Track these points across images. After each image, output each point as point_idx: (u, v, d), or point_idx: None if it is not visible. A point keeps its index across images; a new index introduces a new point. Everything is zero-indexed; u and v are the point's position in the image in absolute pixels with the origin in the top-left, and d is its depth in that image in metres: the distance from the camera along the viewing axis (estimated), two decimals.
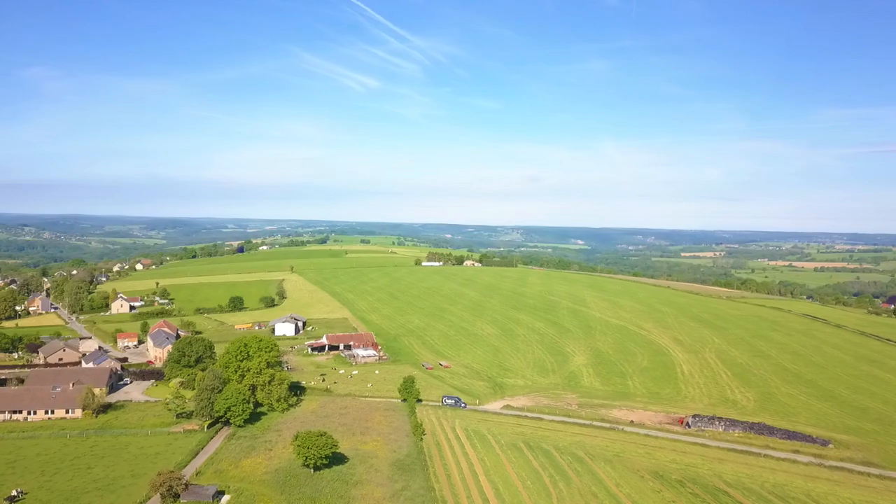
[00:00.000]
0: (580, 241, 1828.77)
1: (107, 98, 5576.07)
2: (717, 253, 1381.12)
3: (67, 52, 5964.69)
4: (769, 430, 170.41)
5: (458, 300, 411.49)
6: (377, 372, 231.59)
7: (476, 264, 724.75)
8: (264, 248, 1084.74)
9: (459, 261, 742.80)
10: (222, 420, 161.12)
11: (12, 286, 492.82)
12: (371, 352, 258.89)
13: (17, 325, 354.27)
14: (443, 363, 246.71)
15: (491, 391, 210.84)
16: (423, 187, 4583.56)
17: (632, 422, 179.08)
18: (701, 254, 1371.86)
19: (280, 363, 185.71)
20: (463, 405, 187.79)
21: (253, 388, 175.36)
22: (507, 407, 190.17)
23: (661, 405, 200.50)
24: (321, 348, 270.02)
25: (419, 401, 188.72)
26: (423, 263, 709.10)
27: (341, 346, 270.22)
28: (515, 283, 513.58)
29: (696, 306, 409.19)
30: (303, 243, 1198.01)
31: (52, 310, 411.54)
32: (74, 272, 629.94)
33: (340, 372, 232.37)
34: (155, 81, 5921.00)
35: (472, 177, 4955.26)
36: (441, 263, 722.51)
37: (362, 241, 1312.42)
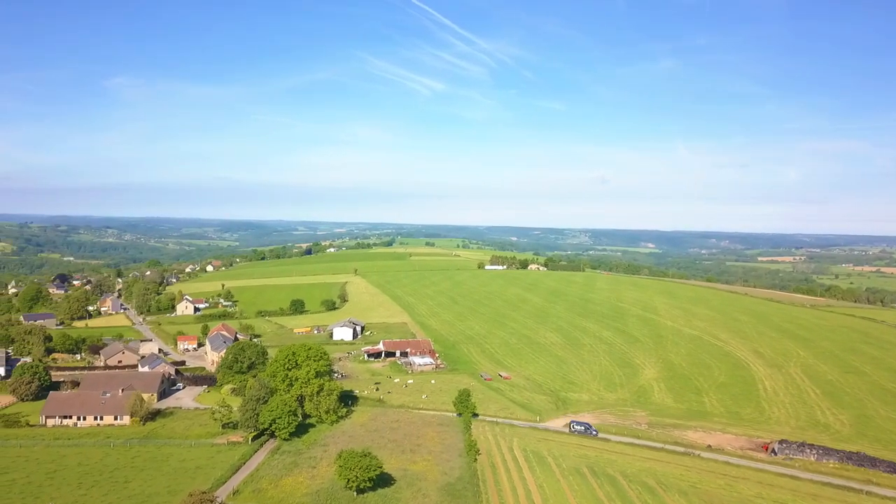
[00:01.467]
0: (650, 245, 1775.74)
1: (184, 105, 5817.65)
2: (797, 257, 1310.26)
3: (148, 62, 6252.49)
4: (870, 462, 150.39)
5: (521, 306, 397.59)
6: (433, 381, 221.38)
7: (541, 268, 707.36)
8: (331, 250, 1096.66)
9: (524, 264, 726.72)
10: (268, 432, 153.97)
11: (87, 286, 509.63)
12: (428, 360, 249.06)
13: (86, 325, 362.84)
14: (502, 374, 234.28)
15: (553, 407, 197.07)
16: (489, 190, 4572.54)
17: (709, 446, 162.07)
18: (779, 258, 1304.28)
19: (330, 372, 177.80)
20: (594, 432, 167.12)
21: (301, 398, 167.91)
22: (570, 424, 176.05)
23: (742, 427, 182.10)
24: (377, 355, 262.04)
25: (475, 415, 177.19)
26: (487, 267, 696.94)
27: (398, 353, 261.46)
28: (582, 289, 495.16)
29: (777, 315, 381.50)
30: (369, 246, 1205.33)
31: (122, 310, 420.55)
32: (148, 273, 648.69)
33: (395, 381, 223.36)
34: (229, 88, 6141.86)
35: (538, 179, 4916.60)
36: (505, 267, 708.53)
37: (427, 244, 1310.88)
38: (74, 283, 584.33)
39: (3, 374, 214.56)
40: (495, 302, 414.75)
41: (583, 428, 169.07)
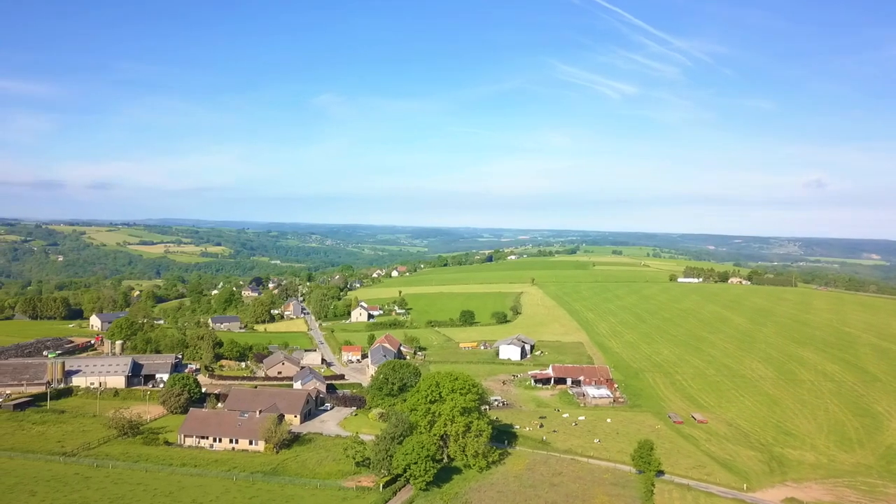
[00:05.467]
0: (874, 256, 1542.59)
1: (382, 119, 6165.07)
2: None
3: (350, 80, 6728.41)
4: None
5: (721, 327, 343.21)
6: (609, 420, 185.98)
7: (744, 282, 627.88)
8: (512, 257, 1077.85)
9: (723, 277, 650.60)
10: (403, 477, 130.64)
11: (275, 291, 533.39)
12: (604, 391, 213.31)
13: (265, 329, 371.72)
14: (696, 416, 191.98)
15: (765, 468, 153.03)
16: (683, 195, 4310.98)
17: None
18: None
19: (479, 408, 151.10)
20: None
21: (444, 437, 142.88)
22: (792, 501, 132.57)
23: None
24: (546, 381, 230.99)
25: (660, 473, 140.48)
26: (679, 280, 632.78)
27: (569, 381, 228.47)
28: (795, 308, 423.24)
29: None
30: (551, 253, 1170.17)
31: (303, 315, 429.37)
32: (336, 276, 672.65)
33: (564, 416, 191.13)
34: (420, 102, 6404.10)
35: (738, 183, 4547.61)
36: (700, 280, 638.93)
37: (613, 253, 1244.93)
38: (269, 286, 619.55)
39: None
40: (689, 321, 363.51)
41: None
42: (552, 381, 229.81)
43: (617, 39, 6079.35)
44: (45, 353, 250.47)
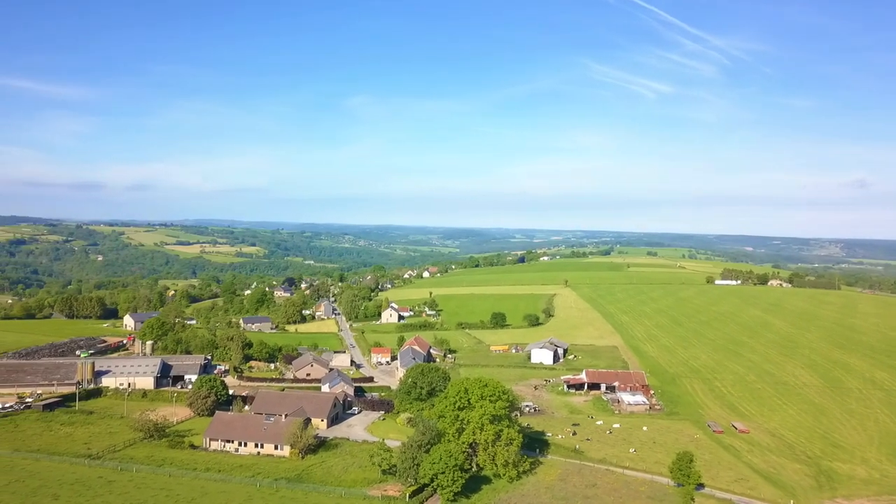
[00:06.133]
0: None
1: (413, 119, 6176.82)
2: None
3: (382, 81, 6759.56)
4: None
5: (761, 332, 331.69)
6: (645, 428, 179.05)
7: (784, 284, 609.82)
8: (545, 258, 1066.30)
9: (762, 280, 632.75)
10: (431, 487, 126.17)
11: (307, 291, 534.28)
12: (640, 397, 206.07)
13: (296, 329, 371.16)
14: (737, 425, 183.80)
15: (813, 483, 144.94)
16: (719, 195, 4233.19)
17: None
18: None
19: (510, 415, 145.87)
20: None
21: (473, 445, 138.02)
22: None
23: None
24: (579, 386, 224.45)
25: (700, 487, 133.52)
26: (717, 282, 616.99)
27: (603, 386, 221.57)
28: (839, 312, 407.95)
29: None
30: (584, 255, 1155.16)
31: (334, 315, 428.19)
32: (369, 277, 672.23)
33: (598, 423, 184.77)
34: (452, 102, 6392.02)
35: (777, 183, 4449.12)
36: (739, 282, 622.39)
37: (648, 254, 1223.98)
38: (302, 286, 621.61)
39: None
40: (728, 325, 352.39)
41: None
42: (585, 387, 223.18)
43: (652, 38, 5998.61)
44: (77, 352, 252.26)
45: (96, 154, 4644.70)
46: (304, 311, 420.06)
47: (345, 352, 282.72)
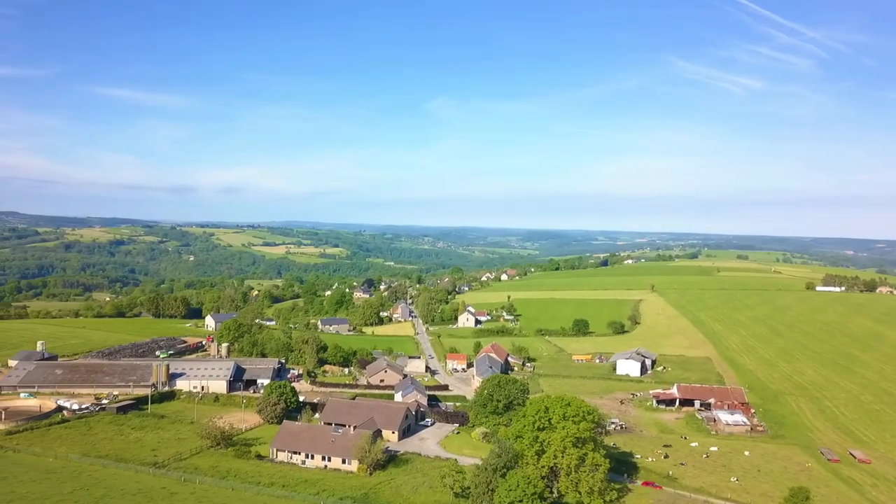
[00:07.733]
0: None
1: (491, 120, 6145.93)
2: None
3: (462, 84, 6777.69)
4: None
5: (874, 345, 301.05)
6: (747, 453, 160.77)
7: (894, 292, 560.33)
8: (629, 262, 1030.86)
9: (870, 286, 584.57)
10: None
11: (385, 293, 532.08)
12: (739, 417, 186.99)
13: (373, 332, 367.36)
14: (856, 453, 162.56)
15: None
16: (815, 196, 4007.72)
17: None
18: None
19: (595, 438, 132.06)
20: None
21: (553, 469, 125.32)
22: None
23: None
24: (670, 401, 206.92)
25: None
26: (818, 288, 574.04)
27: (697, 403, 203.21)
28: None
29: None
30: (670, 258, 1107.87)
31: (411, 318, 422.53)
32: (445, 279, 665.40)
33: (692, 445, 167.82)
34: (532, 103, 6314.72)
35: (882, 182, 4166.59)
36: (843, 289, 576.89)
37: (739, 258, 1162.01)
38: (381, 287, 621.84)
39: None
40: (835, 337, 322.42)
41: None
42: (677, 403, 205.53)
43: (741, 32, 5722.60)
44: (157, 353, 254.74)
45: (191, 159, 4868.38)
46: (381, 313, 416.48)
47: (419, 357, 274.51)
